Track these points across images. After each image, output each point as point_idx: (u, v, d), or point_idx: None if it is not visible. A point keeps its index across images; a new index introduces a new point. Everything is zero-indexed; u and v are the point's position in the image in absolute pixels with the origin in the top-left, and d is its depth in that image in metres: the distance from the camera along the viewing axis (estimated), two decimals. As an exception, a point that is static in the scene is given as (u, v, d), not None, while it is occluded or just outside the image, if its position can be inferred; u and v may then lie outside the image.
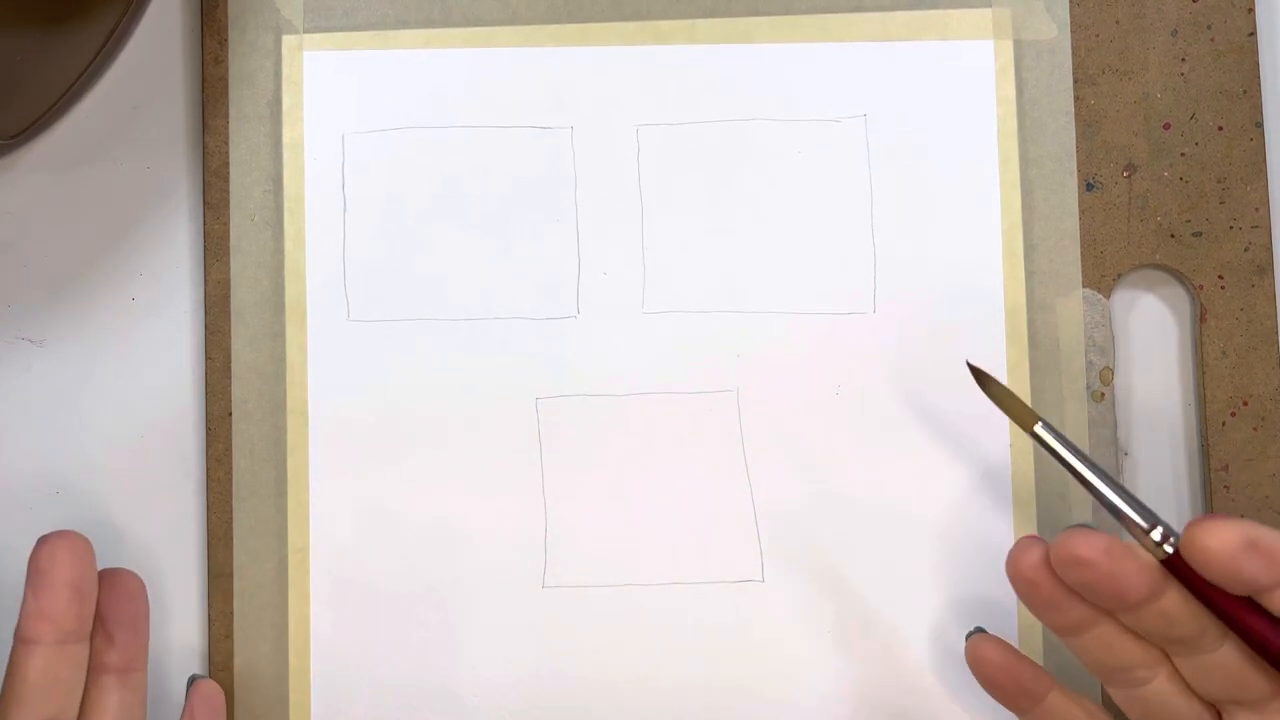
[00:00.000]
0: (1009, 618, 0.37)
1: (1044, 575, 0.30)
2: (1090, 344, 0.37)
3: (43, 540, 0.32)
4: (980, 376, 0.33)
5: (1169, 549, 0.29)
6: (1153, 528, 0.30)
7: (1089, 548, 0.29)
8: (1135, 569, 0.29)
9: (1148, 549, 0.30)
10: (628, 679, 0.37)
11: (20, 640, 0.32)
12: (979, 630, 0.35)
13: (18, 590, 0.38)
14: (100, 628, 0.33)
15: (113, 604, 0.34)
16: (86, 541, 0.33)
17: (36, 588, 0.32)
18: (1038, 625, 0.37)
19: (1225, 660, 0.30)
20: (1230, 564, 0.28)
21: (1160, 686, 0.31)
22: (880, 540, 0.37)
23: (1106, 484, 0.31)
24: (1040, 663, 0.36)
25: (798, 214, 0.38)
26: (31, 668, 0.31)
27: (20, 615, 0.32)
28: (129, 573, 0.35)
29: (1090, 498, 0.36)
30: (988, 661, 0.34)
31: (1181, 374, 0.38)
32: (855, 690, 0.37)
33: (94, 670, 0.33)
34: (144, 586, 0.35)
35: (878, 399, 0.37)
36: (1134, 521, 0.30)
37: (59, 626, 0.32)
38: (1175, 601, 0.29)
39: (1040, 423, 0.32)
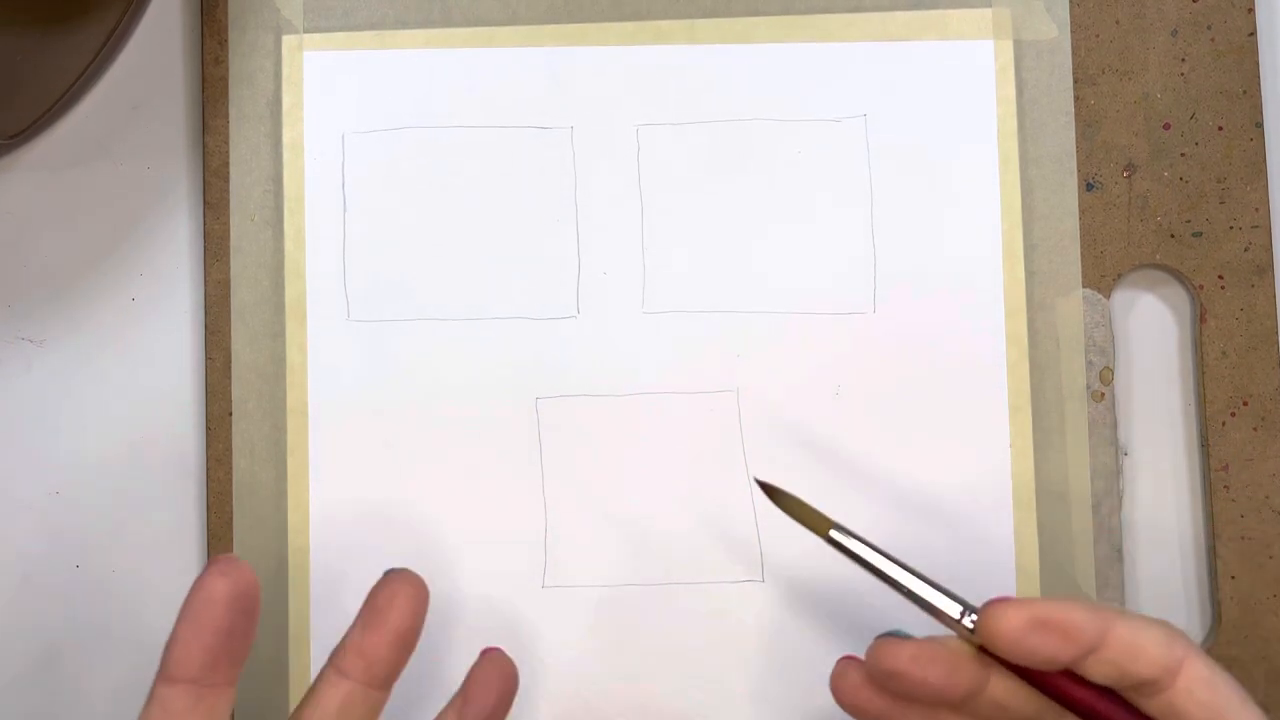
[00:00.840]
0: (1009, 618, 0.37)
1: (866, 696, 0.30)
2: (1090, 344, 0.37)
3: (387, 576, 0.32)
4: (771, 492, 0.32)
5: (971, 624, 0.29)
6: (965, 614, 0.29)
7: (894, 659, 0.28)
8: (947, 669, 0.28)
9: (963, 636, 0.29)
10: (628, 679, 0.37)
11: (333, 668, 0.31)
12: (846, 658, 0.32)
13: (18, 590, 0.38)
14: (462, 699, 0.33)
15: (476, 685, 0.33)
16: (425, 589, 0.32)
17: (365, 623, 0.31)
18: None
19: None
20: (1025, 645, 0.27)
21: None
22: (880, 540, 0.37)
23: (910, 577, 0.30)
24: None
25: (798, 214, 0.38)
26: (330, 698, 0.31)
27: (342, 642, 0.32)
28: (502, 660, 0.33)
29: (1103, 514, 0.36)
30: (850, 685, 0.31)
31: (1181, 374, 0.38)
32: (855, 690, 0.37)
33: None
34: (513, 678, 0.33)
35: (878, 399, 0.37)
36: (942, 611, 0.29)
37: (368, 670, 0.31)
38: (1004, 688, 0.29)
39: (834, 528, 0.31)
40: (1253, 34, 0.38)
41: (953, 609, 0.29)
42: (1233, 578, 0.37)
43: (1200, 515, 0.38)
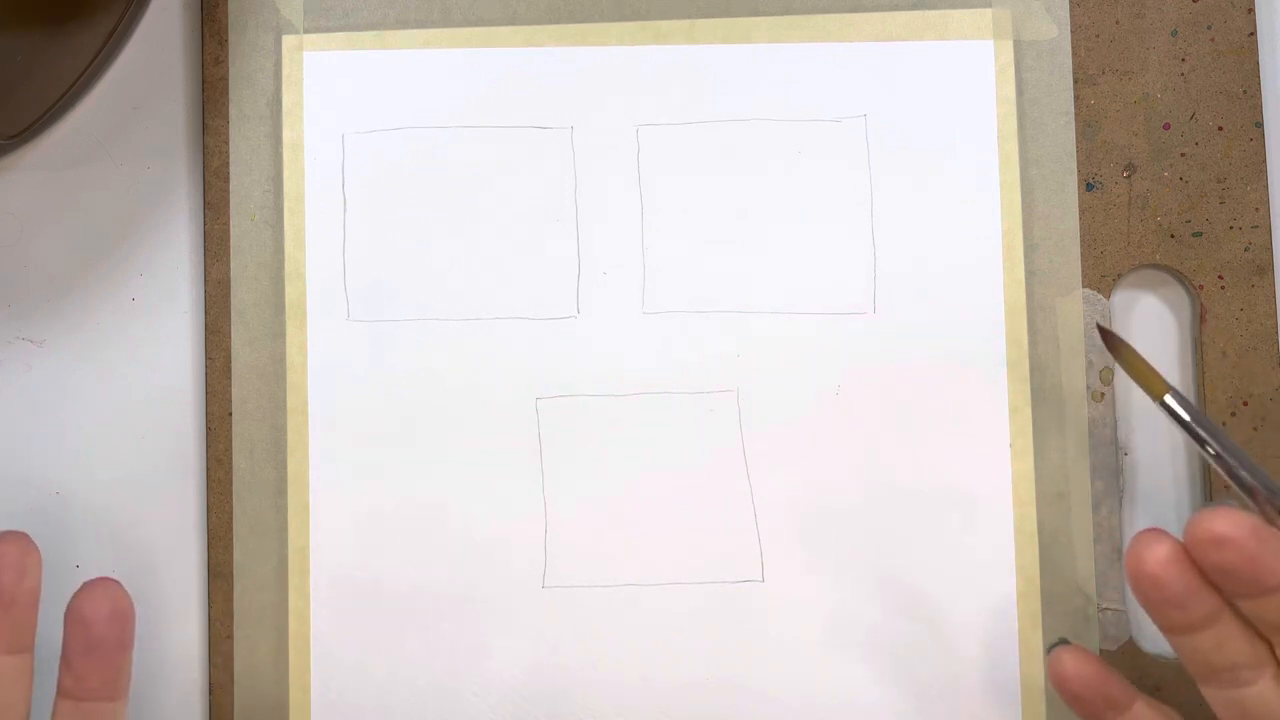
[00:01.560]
0: (1008, 618, 0.37)
1: (1172, 571, 0.29)
2: (1091, 344, 0.37)
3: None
4: (1112, 342, 0.33)
5: None
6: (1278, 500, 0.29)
7: (1234, 526, 0.28)
8: (1276, 552, 0.28)
9: (1273, 522, 0.28)
10: (628, 679, 0.37)
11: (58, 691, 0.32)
12: (1062, 641, 0.34)
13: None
14: (63, 647, 0.31)
15: (73, 624, 0.31)
16: (21, 544, 0.31)
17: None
18: (1037, 627, 0.37)
19: None
20: None
21: (1263, 688, 0.30)
22: (880, 540, 0.37)
23: (1236, 459, 0.30)
24: (1041, 664, 0.36)
25: (798, 214, 0.38)
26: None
27: None
28: (109, 590, 0.32)
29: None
30: (1073, 678, 0.32)
31: (1181, 374, 0.38)
32: (855, 690, 0.37)
33: (58, 692, 0.32)
34: (125, 608, 0.32)
35: (878, 399, 0.37)
36: (1267, 496, 0.29)
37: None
38: None
39: (1170, 392, 0.31)
40: (1253, 34, 0.38)
41: (1276, 497, 0.29)
42: (1233, 578, 0.37)
43: (1200, 515, 0.38)
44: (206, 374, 0.38)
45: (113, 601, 0.31)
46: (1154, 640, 0.37)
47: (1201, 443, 0.30)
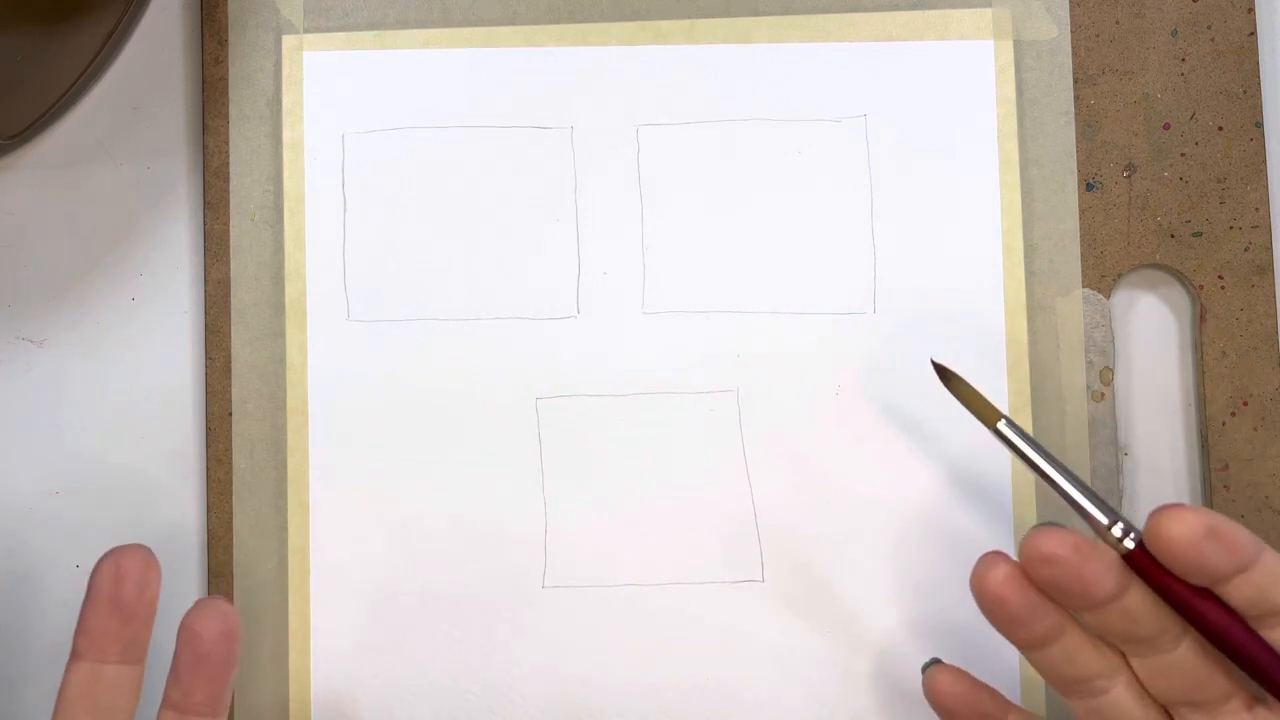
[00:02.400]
0: (1009, 618, 0.37)
1: (1010, 590, 0.30)
2: (1090, 344, 0.37)
3: (106, 554, 0.32)
4: (944, 374, 0.33)
5: (1130, 544, 0.29)
6: (1114, 523, 0.30)
7: (1059, 544, 0.29)
8: (1101, 566, 0.29)
9: (1110, 544, 0.30)
10: (628, 679, 0.37)
11: (71, 653, 0.32)
12: (935, 661, 0.34)
13: (17, 591, 0.38)
14: (174, 660, 0.32)
15: (186, 638, 0.32)
16: (145, 559, 0.32)
17: (85, 601, 0.31)
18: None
19: (1183, 660, 0.30)
20: (1193, 552, 0.28)
21: (1118, 695, 0.31)
22: (880, 540, 0.37)
23: (1069, 481, 0.31)
24: (1042, 687, 0.36)
25: (798, 214, 0.38)
26: (70, 683, 0.31)
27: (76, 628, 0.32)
28: (220, 608, 0.32)
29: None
30: (947, 694, 0.33)
31: (1181, 374, 0.38)
32: (855, 690, 0.37)
33: (163, 703, 0.32)
34: (234, 627, 0.32)
35: (878, 399, 0.37)
36: (1095, 518, 0.30)
37: (96, 645, 0.31)
38: (1137, 599, 0.30)
39: (1003, 419, 0.32)
40: (1253, 34, 0.38)
41: (1105, 519, 0.30)
42: (1233, 578, 0.37)
43: (1200, 515, 0.38)
44: (206, 374, 0.38)
45: (223, 619, 0.32)
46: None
47: (1035, 468, 0.31)
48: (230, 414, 0.38)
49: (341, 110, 0.38)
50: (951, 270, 0.38)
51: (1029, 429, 0.37)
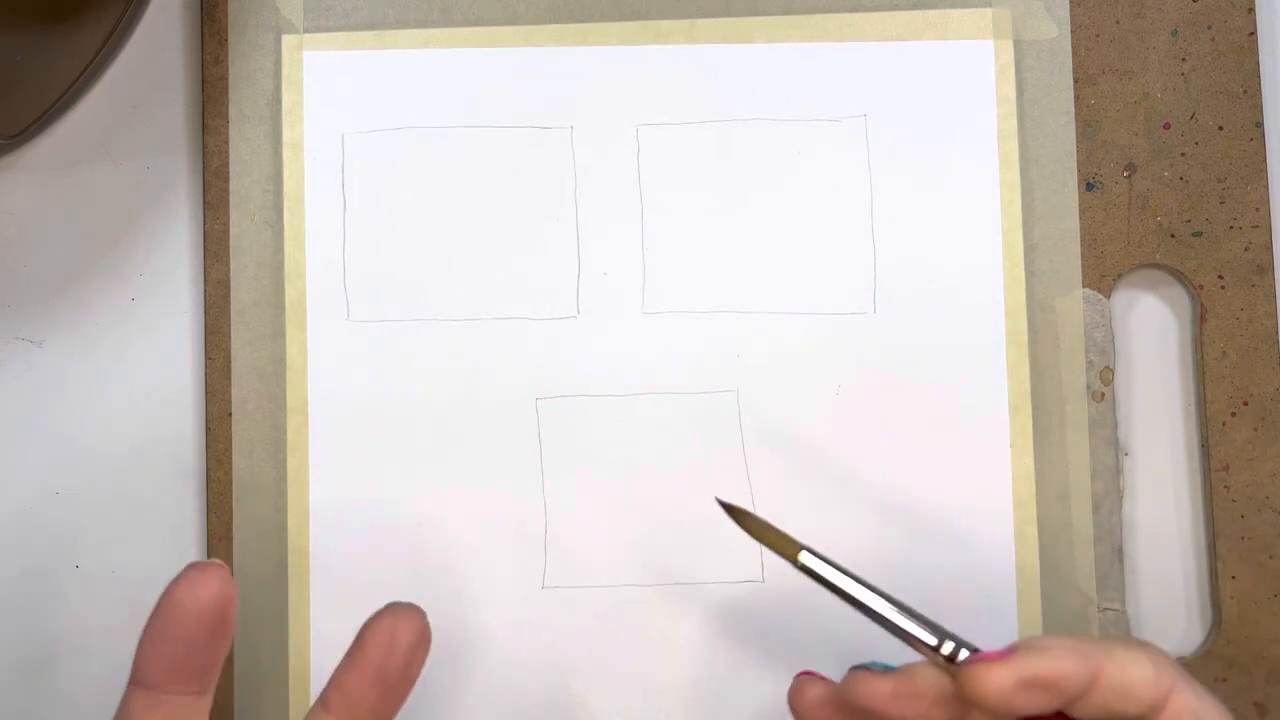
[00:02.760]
0: (1008, 617, 0.37)
1: (825, 715, 0.29)
2: (1090, 344, 0.37)
3: (384, 609, 0.30)
4: (733, 512, 0.31)
5: (964, 654, 0.28)
6: (941, 643, 0.28)
7: (871, 695, 0.28)
8: (927, 705, 0.28)
9: (940, 668, 0.28)
10: (628, 679, 0.37)
11: (320, 703, 0.30)
12: (805, 673, 0.31)
13: (17, 591, 0.38)
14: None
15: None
16: (422, 624, 0.29)
17: (350, 658, 0.30)
18: (1037, 627, 0.37)
19: None
20: (1011, 705, 0.26)
21: None
22: (880, 540, 0.37)
23: (887, 604, 0.29)
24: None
25: (798, 214, 0.38)
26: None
27: (331, 677, 0.30)
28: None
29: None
30: (808, 701, 0.30)
31: (1181, 374, 0.38)
32: (855, 690, 0.37)
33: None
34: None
35: (878, 399, 0.37)
36: (921, 642, 0.28)
37: (349, 709, 0.29)
38: (984, 717, 0.28)
39: (804, 550, 0.30)
40: (1253, 34, 0.38)
41: (931, 639, 0.28)
42: (1233, 578, 0.37)
43: (1200, 515, 0.38)
44: (206, 374, 0.38)
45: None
46: (1154, 640, 0.37)
47: (847, 598, 0.29)
48: (230, 414, 0.38)
49: (341, 110, 0.38)
50: (951, 270, 0.38)
51: (1029, 429, 0.37)
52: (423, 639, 0.30)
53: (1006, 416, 0.37)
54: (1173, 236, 0.37)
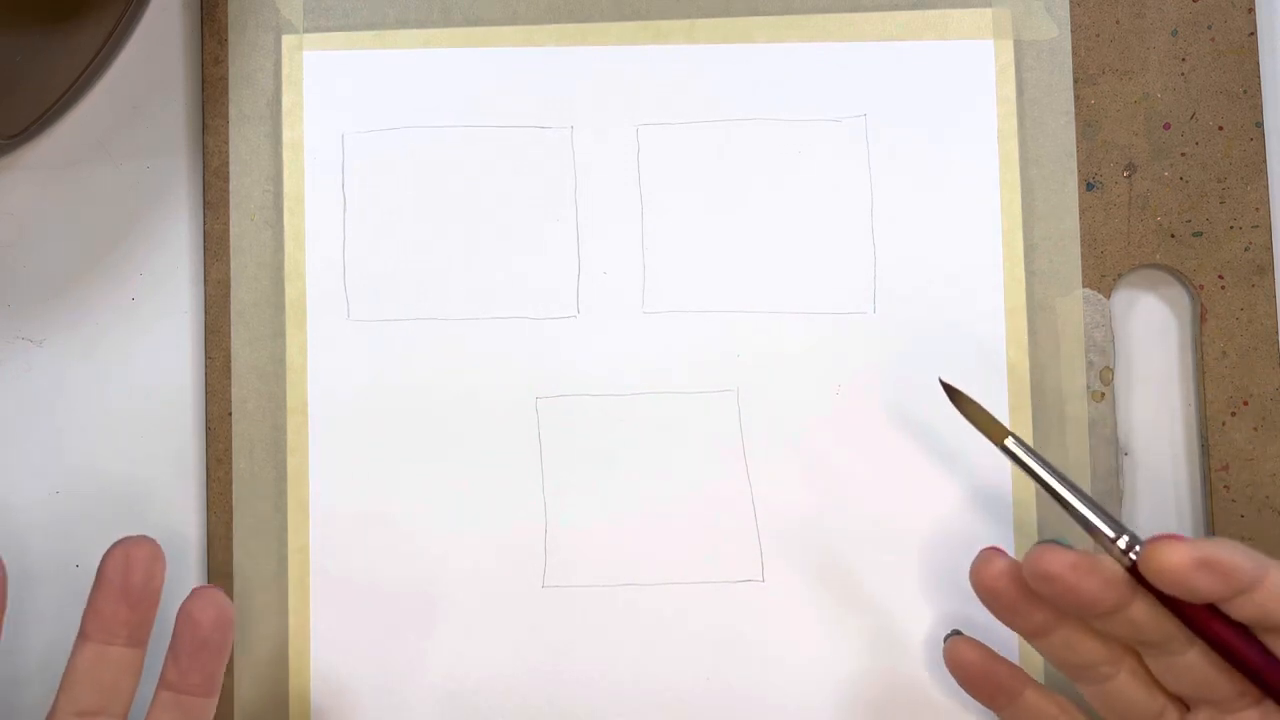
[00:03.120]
0: (1009, 618, 0.37)
1: (1006, 585, 0.32)
2: (1090, 344, 0.37)
3: (116, 544, 0.34)
4: (953, 394, 0.34)
5: (1134, 557, 0.30)
6: (1119, 537, 0.30)
7: (1055, 563, 0.30)
8: (1101, 583, 0.30)
9: (1115, 557, 0.30)
10: (628, 679, 0.37)
11: (78, 633, 0.33)
12: (956, 633, 0.36)
13: (17, 591, 0.38)
14: (172, 643, 0.34)
15: (184, 624, 0.34)
16: (152, 550, 0.33)
17: (95, 586, 0.33)
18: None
19: (1192, 663, 0.31)
20: (1185, 581, 0.29)
21: (1124, 682, 0.32)
22: (880, 539, 0.37)
23: (1075, 495, 0.31)
24: (1041, 663, 0.36)
25: (798, 214, 0.38)
26: (76, 662, 0.33)
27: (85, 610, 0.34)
28: (216, 597, 0.34)
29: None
30: (966, 663, 0.35)
31: (1181, 374, 0.38)
32: (854, 689, 0.37)
33: (159, 683, 0.34)
34: (229, 614, 0.34)
35: (878, 399, 0.37)
36: (1101, 531, 0.31)
37: (104, 627, 0.33)
38: (1143, 609, 0.30)
39: (1010, 437, 0.32)
40: (1253, 34, 0.38)
41: (1111, 532, 0.31)
42: (1233, 578, 0.37)
43: (1200, 515, 0.38)
44: (206, 374, 0.38)
45: (219, 607, 0.34)
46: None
47: (1043, 484, 0.32)
48: (230, 414, 0.38)
49: (341, 110, 0.38)
50: (951, 270, 0.38)
51: (1029, 429, 0.37)
52: (155, 557, 0.33)
53: (1007, 417, 0.37)
54: (1173, 236, 0.37)
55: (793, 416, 0.37)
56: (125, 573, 0.33)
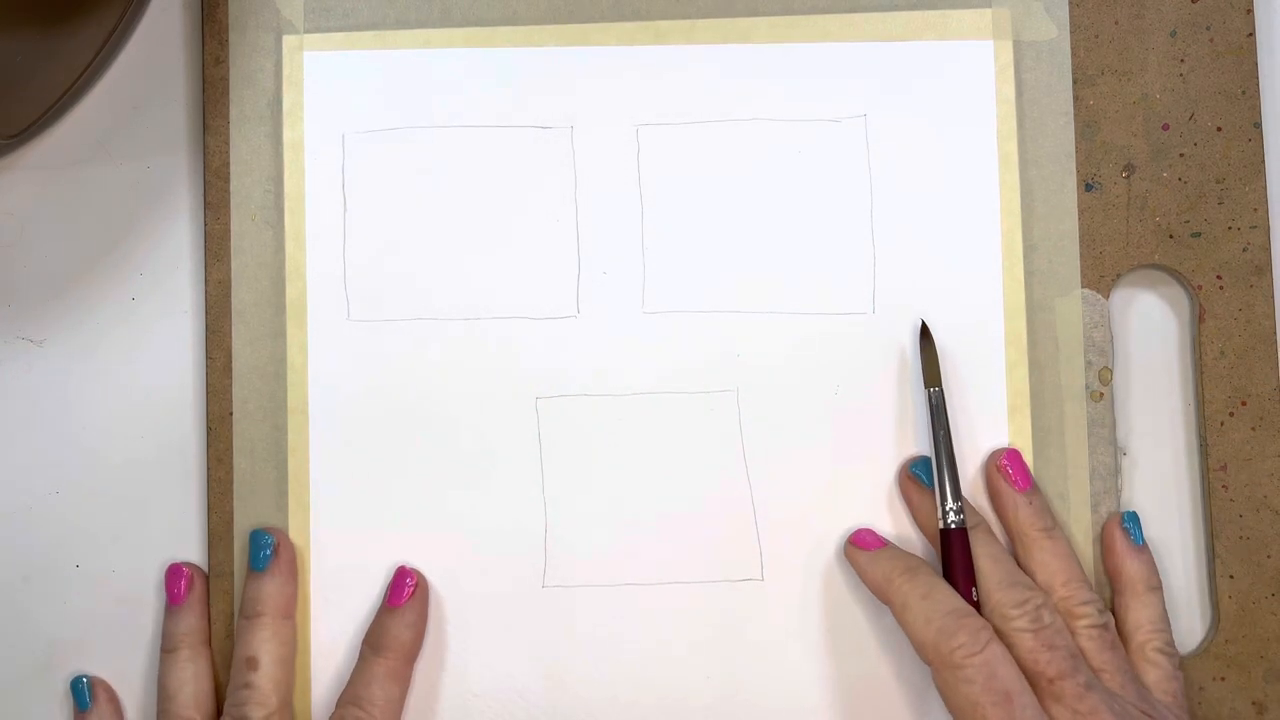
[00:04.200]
0: (1008, 617, 0.37)
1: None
2: (1090, 344, 0.37)
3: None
4: (925, 334, 0.37)
5: (952, 525, 0.35)
6: (948, 508, 0.35)
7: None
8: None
9: (941, 515, 0.35)
10: (628, 679, 0.37)
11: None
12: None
13: (17, 591, 0.38)
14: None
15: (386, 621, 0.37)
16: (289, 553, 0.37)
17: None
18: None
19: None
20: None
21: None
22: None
23: (946, 462, 0.36)
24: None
25: (798, 214, 0.38)
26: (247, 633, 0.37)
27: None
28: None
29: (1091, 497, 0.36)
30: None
31: (1181, 374, 0.38)
32: (854, 689, 0.37)
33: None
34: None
35: (878, 399, 0.37)
36: (943, 495, 0.35)
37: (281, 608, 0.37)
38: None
39: (937, 389, 0.36)
40: (1252, 34, 0.38)
41: (949, 502, 0.35)
42: (1231, 577, 0.37)
43: (1199, 515, 0.38)
44: (206, 374, 0.38)
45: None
46: (1153, 639, 0.37)
47: (934, 442, 0.36)
48: (230, 414, 0.38)
49: (341, 110, 0.38)
50: (951, 270, 0.38)
51: (1029, 429, 0.37)
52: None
53: (1006, 417, 0.37)
54: (1171, 237, 0.38)
55: (793, 416, 0.37)
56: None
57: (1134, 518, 0.37)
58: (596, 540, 0.37)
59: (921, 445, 0.37)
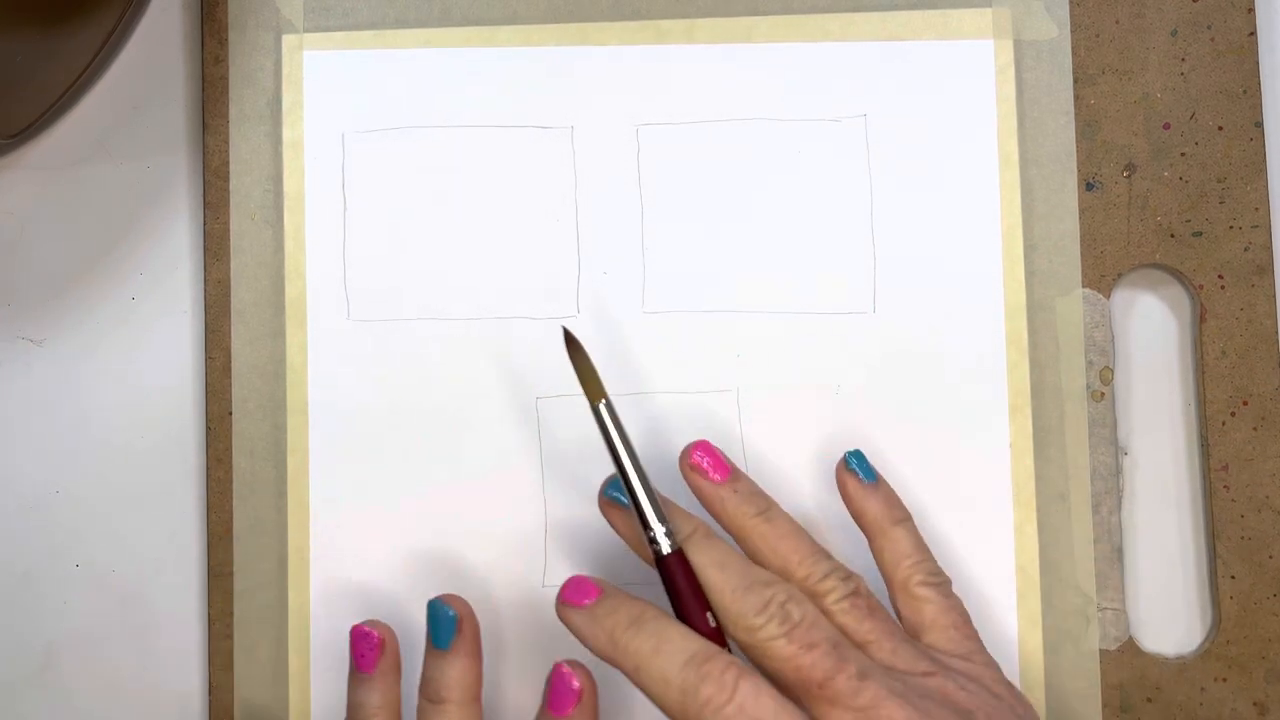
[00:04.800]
0: (1010, 614, 0.37)
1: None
2: (1090, 344, 0.37)
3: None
4: (570, 342, 0.33)
5: (666, 549, 0.31)
6: (655, 531, 0.31)
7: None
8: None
9: (647, 542, 0.31)
10: (628, 679, 0.37)
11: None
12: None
13: (17, 591, 0.38)
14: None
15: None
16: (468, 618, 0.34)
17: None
18: (1037, 627, 0.37)
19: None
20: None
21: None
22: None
23: (639, 480, 0.31)
24: (1042, 685, 0.36)
25: (798, 214, 0.38)
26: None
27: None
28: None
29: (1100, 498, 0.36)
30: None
31: (1181, 374, 0.38)
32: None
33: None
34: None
35: (878, 399, 0.37)
36: (646, 520, 0.31)
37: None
38: None
39: (604, 401, 0.32)
40: (1253, 34, 0.38)
41: (656, 522, 0.31)
42: (1232, 577, 0.37)
43: (1200, 515, 0.38)
44: (206, 374, 0.38)
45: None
46: (1154, 639, 0.37)
47: (616, 461, 0.32)
48: (230, 414, 0.38)
49: (341, 110, 0.38)
50: (951, 270, 0.38)
51: (1029, 429, 0.37)
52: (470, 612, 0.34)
53: (1006, 416, 0.37)
54: (1172, 236, 0.37)
55: (793, 416, 0.37)
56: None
57: (858, 455, 0.34)
58: (597, 540, 0.37)
59: (921, 445, 0.37)
